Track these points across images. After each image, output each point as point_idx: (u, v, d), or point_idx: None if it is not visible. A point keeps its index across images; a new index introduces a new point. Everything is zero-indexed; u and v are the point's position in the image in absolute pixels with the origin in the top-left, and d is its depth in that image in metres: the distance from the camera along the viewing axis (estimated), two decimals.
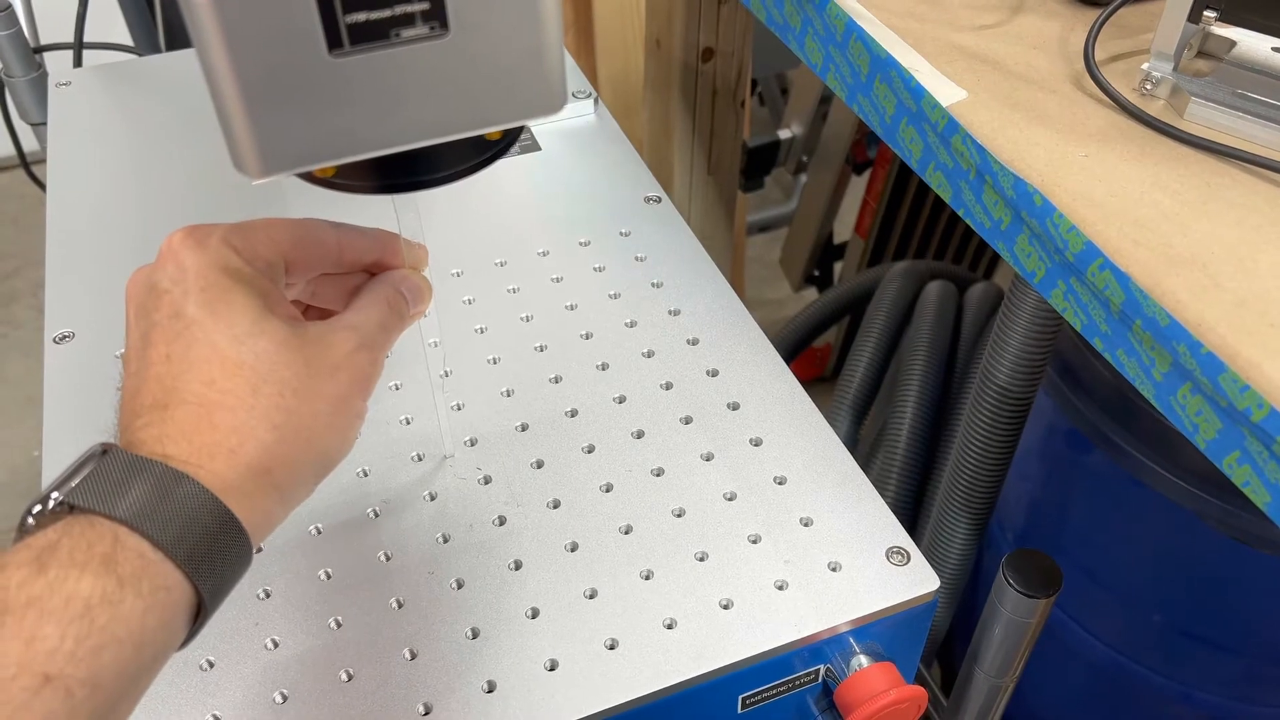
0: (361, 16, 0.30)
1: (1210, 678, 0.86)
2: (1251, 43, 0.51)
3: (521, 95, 0.34)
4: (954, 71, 0.53)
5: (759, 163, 1.57)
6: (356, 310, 0.40)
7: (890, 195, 1.47)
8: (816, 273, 1.67)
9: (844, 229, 1.63)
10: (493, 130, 0.35)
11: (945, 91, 0.52)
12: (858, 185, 1.55)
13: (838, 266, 1.67)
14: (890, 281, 1.19)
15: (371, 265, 0.42)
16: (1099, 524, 0.86)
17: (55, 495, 0.32)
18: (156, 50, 1.16)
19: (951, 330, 1.12)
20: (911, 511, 1.06)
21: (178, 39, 1.23)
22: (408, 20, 0.31)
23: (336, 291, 0.42)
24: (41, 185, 0.99)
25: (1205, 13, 0.49)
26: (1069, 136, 0.49)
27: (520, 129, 0.38)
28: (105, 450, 0.33)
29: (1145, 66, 0.51)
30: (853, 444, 1.16)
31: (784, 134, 1.56)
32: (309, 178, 0.37)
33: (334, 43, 0.31)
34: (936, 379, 1.07)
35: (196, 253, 0.36)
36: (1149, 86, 0.51)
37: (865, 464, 0.92)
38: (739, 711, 0.49)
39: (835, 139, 1.50)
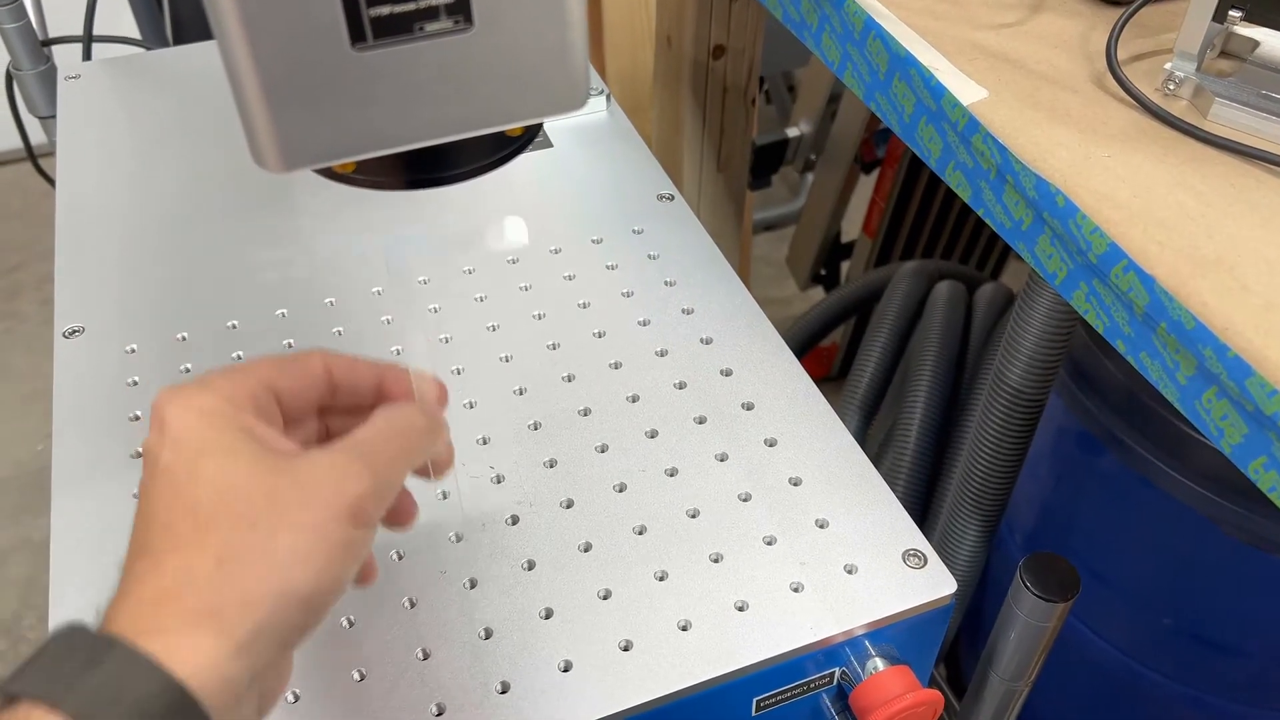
0: (385, 10, 0.30)
1: (1220, 682, 0.86)
2: (1275, 43, 0.51)
3: (544, 91, 0.34)
4: (974, 70, 0.53)
5: (766, 161, 1.57)
6: (348, 434, 0.36)
7: (898, 195, 1.46)
8: (823, 272, 1.67)
9: (851, 228, 1.63)
10: (515, 126, 0.35)
11: (966, 90, 0.51)
12: (865, 184, 1.55)
13: (845, 265, 1.67)
14: (899, 281, 1.19)
15: (375, 396, 0.40)
16: (1109, 526, 0.85)
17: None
18: (164, 44, 1.15)
19: (961, 330, 1.11)
20: (920, 512, 1.06)
21: (185, 33, 1.23)
22: (432, 14, 0.30)
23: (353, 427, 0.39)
24: (48, 179, 0.99)
25: (1230, 12, 0.49)
26: (1091, 136, 0.48)
27: (539, 125, 0.38)
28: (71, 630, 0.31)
29: (1168, 66, 0.51)
30: (861, 443, 1.15)
31: (792, 132, 1.56)
32: (327, 173, 0.36)
33: (357, 36, 0.30)
34: (946, 379, 1.06)
35: (174, 405, 0.34)
36: (1172, 87, 0.51)
37: (874, 464, 0.91)
38: (753, 714, 0.49)
39: (844, 137, 1.49)
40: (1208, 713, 0.87)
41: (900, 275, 1.20)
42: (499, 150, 0.38)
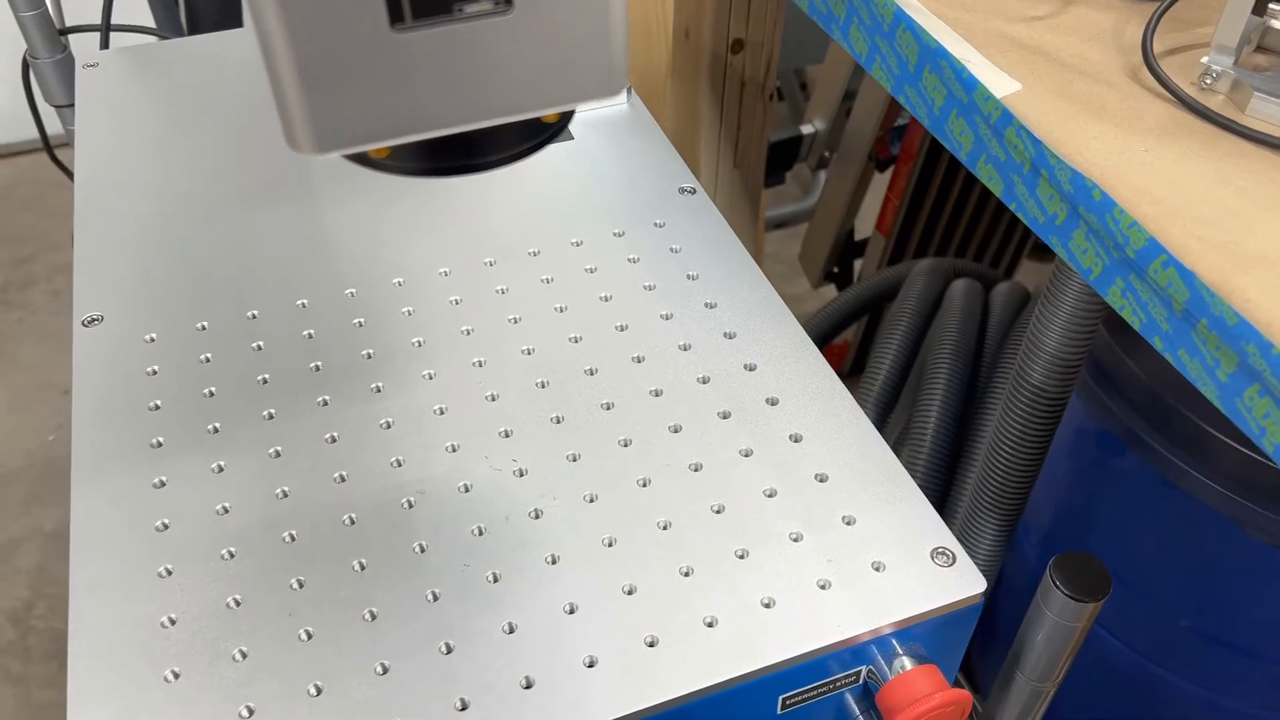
0: None
1: (1238, 684, 0.85)
2: None
3: (584, 76, 0.33)
4: (1006, 63, 0.52)
5: (780, 157, 1.56)
6: None
7: (913, 192, 1.45)
8: (836, 269, 1.66)
9: (864, 226, 1.62)
10: (552, 112, 0.34)
11: (998, 83, 0.51)
12: (879, 182, 1.54)
13: (857, 263, 1.66)
14: (915, 278, 1.18)
15: None
16: (1129, 528, 0.85)
17: None
18: (179, 33, 1.15)
19: (978, 328, 1.10)
20: (936, 510, 1.05)
21: (199, 22, 1.22)
22: None
23: None
24: (63, 168, 0.98)
25: (1270, 5, 0.48)
26: (1128, 130, 0.48)
27: (571, 113, 0.37)
28: None
29: (1205, 60, 0.50)
30: None
31: (806, 129, 1.55)
32: (356, 158, 0.36)
33: (396, 16, 0.30)
34: (962, 377, 1.06)
35: None
36: (1209, 81, 0.50)
37: None
38: (778, 712, 0.49)
39: (858, 135, 1.49)
40: (1224, 715, 0.87)
41: (916, 273, 1.19)
42: (530, 138, 0.38)
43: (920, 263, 1.21)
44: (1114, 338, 0.80)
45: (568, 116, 0.37)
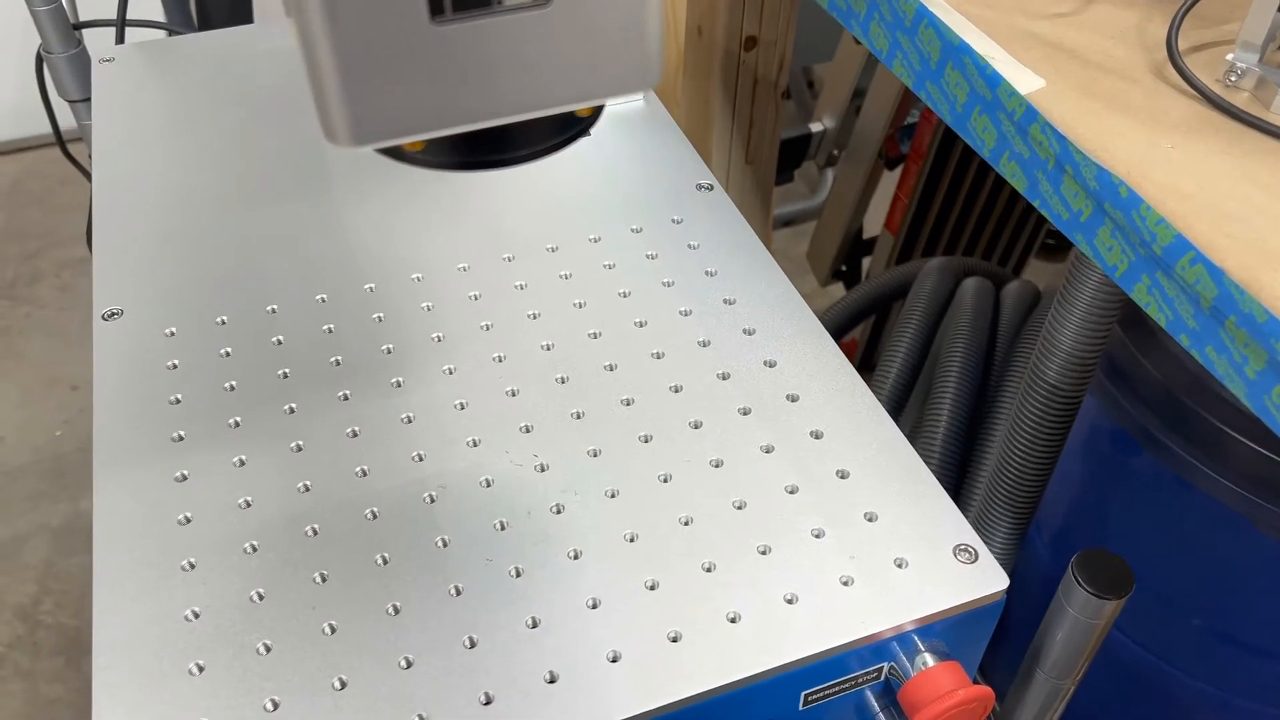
0: None
1: (1249, 684, 0.85)
2: None
3: (620, 68, 0.33)
4: (1030, 60, 0.52)
5: (789, 155, 1.56)
6: None
7: (922, 191, 1.45)
8: (844, 268, 1.66)
9: (872, 225, 1.62)
10: (589, 105, 0.34)
11: (1022, 79, 0.51)
12: (889, 180, 1.54)
13: (866, 262, 1.66)
14: (926, 276, 1.18)
15: None
16: (1142, 526, 0.84)
17: None
18: (190, 28, 1.15)
19: (989, 326, 1.10)
20: None
21: (210, 17, 1.23)
22: None
23: None
24: (76, 163, 0.98)
25: None
26: (1153, 127, 0.48)
27: (602, 107, 0.37)
28: None
29: (1230, 57, 0.50)
30: None
31: (815, 127, 1.55)
32: (389, 151, 0.36)
33: (436, 9, 0.30)
34: (974, 376, 1.06)
35: None
36: (1233, 78, 0.50)
37: None
38: (800, 708, 0.49)
39: (868, 133, 1.48)
40: (1237, 715, 0.86)
41: (926, 271, 1.19)
42: (561, 133, 0.38)
43: (931, 261, 1.21)
44: (1129, 336, 0.80)
45: (599, 111, 0.37)
